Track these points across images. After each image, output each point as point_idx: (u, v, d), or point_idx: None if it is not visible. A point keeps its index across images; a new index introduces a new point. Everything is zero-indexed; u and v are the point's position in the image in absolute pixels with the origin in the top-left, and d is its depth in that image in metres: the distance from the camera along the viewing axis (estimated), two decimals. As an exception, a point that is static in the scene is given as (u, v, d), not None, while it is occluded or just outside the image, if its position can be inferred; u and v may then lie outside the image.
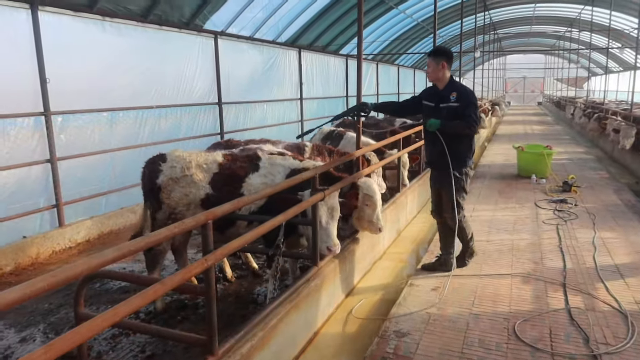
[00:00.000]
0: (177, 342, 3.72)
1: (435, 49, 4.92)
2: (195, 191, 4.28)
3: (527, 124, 25.32)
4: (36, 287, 1.73)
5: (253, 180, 4.28)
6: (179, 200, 4.30)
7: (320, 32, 13.34)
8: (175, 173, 4.28)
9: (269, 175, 4.30)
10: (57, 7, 6.37)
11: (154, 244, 2.41)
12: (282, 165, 4.38)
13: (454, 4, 17.88)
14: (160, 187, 4.31)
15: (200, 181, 4.28)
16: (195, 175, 4.28)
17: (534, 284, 4.66)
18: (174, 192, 4.29)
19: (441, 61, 4.66)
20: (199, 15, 8.74)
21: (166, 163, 4.35)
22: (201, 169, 4.32)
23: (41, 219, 6.40)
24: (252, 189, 4.23)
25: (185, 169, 4.29)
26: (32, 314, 4.48)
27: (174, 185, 4.28)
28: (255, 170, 4.33)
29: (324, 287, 4.15)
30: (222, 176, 4.33)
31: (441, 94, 4.73)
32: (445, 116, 4.60)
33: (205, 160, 4.38)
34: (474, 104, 4.61)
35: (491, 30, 26.51)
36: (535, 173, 9.71)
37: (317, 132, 8.55)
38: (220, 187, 4.29)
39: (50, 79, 6.24)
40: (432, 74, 4.74)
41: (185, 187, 4.28)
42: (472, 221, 6.76)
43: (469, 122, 4.53)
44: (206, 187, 4.29)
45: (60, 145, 6.52)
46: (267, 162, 4.40)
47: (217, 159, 4.43)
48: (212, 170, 4.34)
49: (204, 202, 4.27)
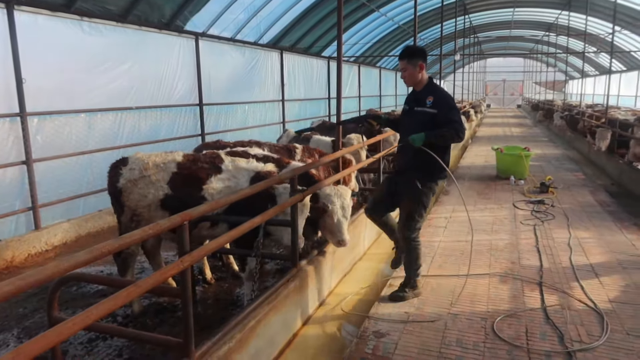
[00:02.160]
0: (154, 346, 3.68)
1: (409, 49, 4.27)
2: (154, 192, 4.22)
3: (507, 126, 25.68)
4: (3, 290, 1.69)
5: (215, 184, 4.21)
6: (138, 201, 4.25)
7: (303, 34, 13.36)
8: (134, 175, 4.24)
9: (232, 179, 4.24)
10: (33, 7, 6.27)
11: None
12: (246, 169, 4.30)
13: (434, 7, 18.07)
14: (121, 190, 4.28)
15: (158, 181, 4.22)
16: (153, 176, 4.23)
17: (512, 284, 4.72)
18: (132, 194, 4.24)
19: (418, 62, 4.18)
20: (179, 16, 8.68)
21: (126, 166, 4.31)
22: (159, 169, 4.26)
23: (16, 222, 6.28)
24: (214, 192, 4.17)
25: (143, 170, 4.24)
26: (5, 318, 4.39)
27: (132, 187, 4.24)
28: (217, 173, 4.26)
29: (303, 288, 4.14)
30: (181, 176, 4.25)
31: (417, 97, 4.27)
32: (420, 121, 4.13)
33: (164, 160, 4.31)
34: (454, 107, 4.13)
35: (471, 33, 26.90)
36: (514, 174, 9.86)
37: (284, 135, 8.57)
38: (180, 187, 4.21)
39: (26, 79, 6.13)
40: (410, 78, 4.25)
41: (143, 188, 4.23)
42: (451, 222, 6.85)
43: (457, 129, 3.99)
44: (165, 187, 4.22)
45: (37, 147, 6.41)
46: (230, 165, 4.32)
47: (176, 159, 4.35)
48: (170, 170, 4.27)
49: (163, 202, 4.23)
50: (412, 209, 4.24)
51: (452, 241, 6.05)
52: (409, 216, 4.27)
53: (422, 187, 4.17)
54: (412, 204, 4.22)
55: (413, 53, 4.22)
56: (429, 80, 4.29)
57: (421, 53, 4.27)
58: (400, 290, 4.43)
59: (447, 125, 3.99)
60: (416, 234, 4.34)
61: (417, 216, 4.27)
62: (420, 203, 4.21)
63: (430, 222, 6.94)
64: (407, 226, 4.29)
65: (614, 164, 11.72)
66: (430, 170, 4.18)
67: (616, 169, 11.39)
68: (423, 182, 4.18)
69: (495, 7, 22.97)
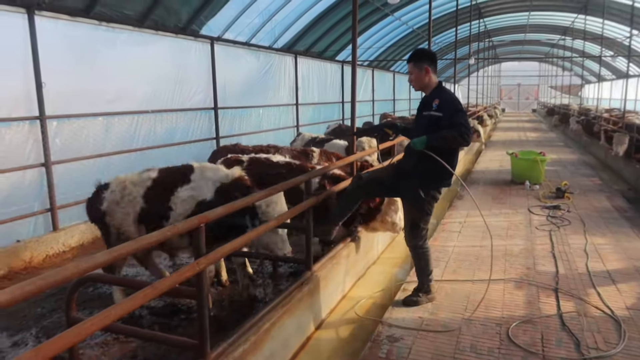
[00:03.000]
0: (169, 346, 3.71)
1: (416, 52, 4.23)
2: (133, 208, 4.35)
3: (522, 130, 25.46)
4: (25, 290, 1.74)
5: (181, 193, 4.27)
6: (122, 220, 4.39)
7: (317, 38, 13.41)
8: (115, 197, 4.38)
9: (197, 189, 4.27)
10: (53, 12, 6.38)
11: (145, 247, 2.41)
12: (211, 179, 4.30)
13: (449, 11, 18.02)
14: (105, 213, 4.41)
15: (135, 198, 4.36)
16: (132, 194, 4.36)
17: (527, 289, 4.68)
18: (117, 213, 4.38)
19: (424, 65, 4.11)
20: (195, 21, 8.77)
21: (107, 190, 4.44)
22: (136, 186, 4.39)
23: (35, 223, 6.39)
24: (179, 201, 4.23)
25: (121, 189, 4.38)
26: (24, 318, 4.46)
27: (115, 207, 4.38)
28: (186, 183, 4.31)
29: (317, 291, 4.16)
30: (153, 190, 4.36)
31: (426, 101, 4.21)
32: (426, 125, 4.06)
33: (140, 178, 4.44)
34: (460, 110, 3.99)
35: (486, 37, 26.75)
36: (529, 179, 9.77)
37: (298, 139, 8.62)
38: (152, 200, 4.32)
39: (46, 83, 6.24)
40: (417, 81, 4.19)
41: (125, 207, 4.37)
42: (465, 227, 6.81)
43: (461, 131, 3.84)
44: (140, 201, 4.35)
45: (55, 149, 6.52)
46: (198, 174, 4.35)
47: (152, 175, 4.47)
48: (145, 185, 4.40)
49: (140, 215, 4.35)
50: (416, 217, 4.23)
51: (466, 246, 6.02)
52: (414, 224, 4.27)
53: (425, 195, 4.10)
54: (416, 213, 4.21)
55: (419, 56, 4.17)
56: (438, 84, 4.21)
57: (428, 56, 4.20)
58: (414, 294, 4.42)
59: (452, 128, 3.88)
60: (422, 241, 4.32)
61: (422, 224, 4.26)
62: (423, 211, 4.18)
63: (444, 226, 6.91)
64: (413, 234, 4.29)
65: (631, 169, 11.55)
66: (433, 178, 4.10)
67: (633, 174, 11.22)
68: (426, 190, 4.11)
69: (511, 10, 22.82)
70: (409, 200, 4.23)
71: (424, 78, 4.14)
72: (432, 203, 4.22)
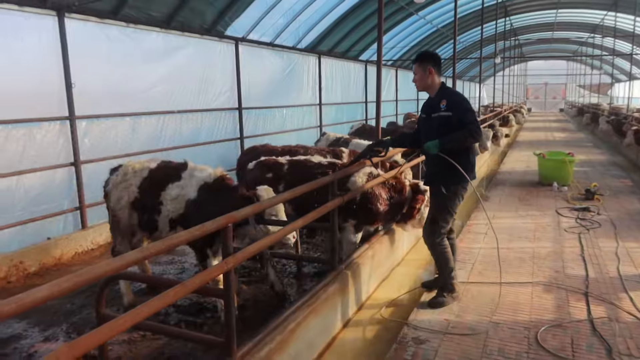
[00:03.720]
0: (196, 344, 3.75)
1: (420, 53, 4.42)
2: (127, 195, 4.50)
3: (549, 130, 24.99)
4: (62, 286, 1.77)
5: (171, 190, 4.33)
6: (115, 203, 4.56)
7: (340, 38, 13.39)
8: (117, 180, 4.56)
9: (185, 187, 4.32)
10: (82, 14, 6.51)
11: (174, 246, 2.44)
12: (197, 177, 4.33)
13: (474, 9, 17.78)
14: (107, 193, 4.65)
15: (131, 186, 4.50)
16: (129, 181, 4.51)
17: (556, 293, 4.59)
18: (113, 196, 4.57)
19: (428, 66, 4.23)
20: (220, 22, 8.85)
21: (116, 172, 4.64)
22: (135, 175, 4.52)
23: (65, 221, 6.53)
24: (169, 198, 4.31)
25: (123, 174, 4.55)
26: (55, 314, 4.57)
27: (114, 190, 4.56)
28: (177, 180, 4.37)
29: (342, 292, 4.15)
30: (148, 181, 4.47)
31: (432, 103, 4.31)
32: (437, 127, 4.15)
33: (141, 167, 4.57)
34: (469, 109, 4.11)
35: (512, 36, 26.29)
36: (557, 180, 9.57)
37: (323, 139, 8.62)
38: (145, 191, 4.44)
39: (75, 84, 6.37)
40: (420, 82, 4.29)
41: (121, 191, 4.52)
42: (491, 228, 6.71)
43: (471, 129, 3.96)
44: (135, 191, 4.48)
45: (84, 149, 6.65)
46: (188, 173, 4.40)
47: (150, 166, 4.58)
48: (142, 175, 4.51)
49: (133, 204, 4.50)
50: (436, 213, 4.28)
51: (492, 248, 5.92)
52: (433, 221, 4.30)
53: (447, 192, 4.17)
54: (437, 209, 4.26)
55: (423, 57, 4.31)
56: (442, 85, 4.32)
57: (432, 58, 4.32)
58: (439, 295, 4.41)
59: (461, 127, 3.99)
60: (441, 238, 4.32)
61: (442, 221, 4.27)
62: (444, 208, 4.22)
63: (470, 228, 6.82)
64: (432, 231, 4.31)
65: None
66: (453, 173, 4.11)
67: (667, 175, 10.90)
68: (447, 186, 4.17)
69: (538, 8, 22.39)
70: (431, 197, 4.33)
71: (427, 79, 4.26)
72: (455, 200, 4.24)
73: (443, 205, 4.21)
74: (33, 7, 5.91)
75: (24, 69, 5.96)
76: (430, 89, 4.31)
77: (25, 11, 5.85)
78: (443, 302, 4.33)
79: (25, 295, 1.66)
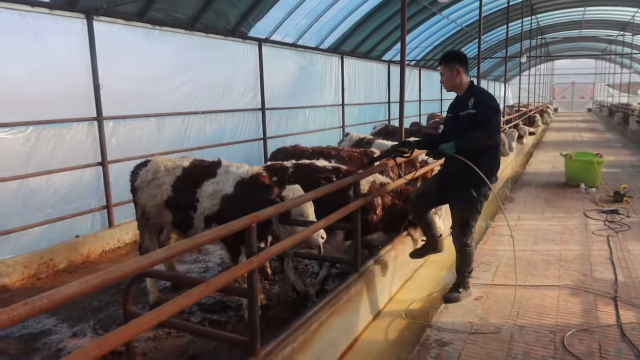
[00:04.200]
0: (220, 342, 3.79)
1: (446, 53, 4.39)
2: (160, 193, 4.54)
3: (576, 130, 24.47)
4: (90, 283, 1.82)
5: (206, 187, 4.37)
6: (147, 201, 4.61)
7: (363, 38, 13.36)
8: (147, 177, 4.60)
9: (220, 183, 4.36)
10: (110, 17, 6.65)
11: (200, 245, 2.47)
12: (234, 173, 4.38)
13: (500, 8, 17.52)
14: (136, 189, 4.69)
15: (164, 184, 4.54)
16: (161, 179, 4.55)
17: (583, 297, 4.49)
18: (143, 194, 4.61)
19: (455, 66, 4.21)
20: (244, 23, 8.93)
21: (144, 168, 4.67)
22: (168, 173, 4.56)
23: (92, 220, 6.69)
24: (205, 195, 4.35)
25: (155, 172, 4.58)
26: (83, 310, 4.68)
27: (145, 188, 4.60)
28: (212, 177, 4.41)
29: (364, 293, 4.14)
30: (182, 180, 4.52)
31: (460, 101, 4.30)
32: (466, 126, 4.12)
33: (174, 165, 4.61)
34: (494, 108, 4.09)
35: (538, 34, 25.83)
36: (585, 182, 9.36)
37: (346, 139, 8.60)
38: (179, 190, 4.48)
39: (103, 85, 6.51)
40: (448, 82, 4.27)
41: (153, 189, 4.57)
42: (517, 230, 6.61)
43: (488, 131, 3.96)
44: (169, 189, 4.52)
45: (111, 149, 6.79)
46: (223, 169, 4.44)
47: (184, 164, 4.62)
48: (175, 174, 4.56)
49: (167, 203, 4.54)
50: (468, 216, 4.26)
51: (517, 250, 5.82)
52: (465, 223, 4.29)
53: (477, 195, 4.16)
54: (468, 212, 4.24)
55: (450, 57, 4.29)
56: (470, 83, 4.30)
57: (458, 57, 4.30)
58: (454, 290, 4.47)
59: (481, 126, 3.99)
60: (471, 240, 4.37)
61: (473, 222, 4.31)
62: (475, 209, 4.24)
63: (494, 229, 6.73)
64: (464, 233, 4.31)
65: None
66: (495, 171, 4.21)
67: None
68: (477, 188, 4.15)
69: (565, 6, 21.93)
70: (461, 201, 4.24)
71: (455, 79, 4.23)
72: (483, 201, 4.27)
73: (473, 207, 4.21)
74: (63, 11, 6.07)
75: (54, 71, 6.12)
76: (458, 89, 4.30)
77: (55, 14, 6.01)
78: (458, 298, 4.40)
79: (56, 291, 1.71)
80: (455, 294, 4.40)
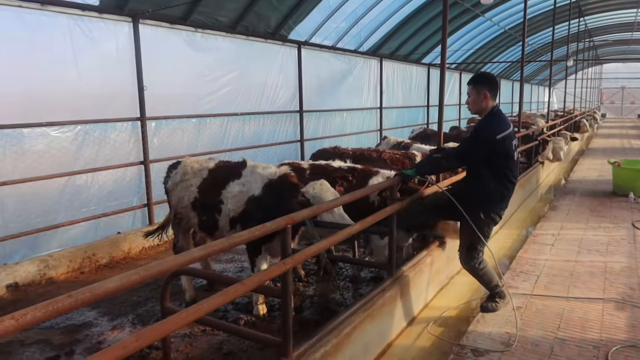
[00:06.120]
0: (253, 342, 3.82)
1: (477, 75, 4.22)
2: (187, 195, 4.60)
3: (625, 137, 23.49)
4: (131, 279, 1.87)
5: (232, 188, 4.37)
6: (177, 202, 4.69)
7: (402, 41, 13.24)
8: (177, 179, 4.68)
9: (247, 184, 4.34)
10: (155, 20, 6.83)
11: (236, 244, 2.50)
12: (260, 174, 4.34)
13: (545, 10, 17.02)
14: (168, 191, 4.81)
15: (191, 186, 4.60)
16: (189, 181, 4.61)
17: (630, 311, 4.29)
18: (174, 195, 4.71)
19: (483, 90, 4.03)
20: (284, 26, 9.00)
21: (174, 170, 4.76)
22: (195, 175, 4.61)
23: (134, 217, 6.88)
24: (230, 195, 4.35)
25: (183, 174, 4.65)
26: (122, 304, 4.81)
27: (174, 189, 4.69)
28: (237, 178, 4.40)
29: (399, 298, 4.09)
30: (208, 181, 4.55)
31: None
32: None
33: (200, 167, 4.66)
34: (477, 138, 4.01)
35: (586, 37, 24.93)
36: (634, 191, 8.96)
37: (384, 143, 8.54)
38: (205, 191, 4.51)
39: (147, 87, 6.70)
40: (473, 105, 4.12)
41: (181, 191, 4.64)
42: (559, 240, 6.40)
43: (448, 156, 4.13)
44: (195, 191, 4.57)
45: (153, 149, 6.97)
46: (249, 170, 4.42)
47: (209, 166, 4.66)
48: (202, 176, 4.60)
49: (193, 204, 4.58)
50: (474, 240, 4.08)
51: (559, 260, 5.65)
52: (472, 247, 4.14)
53: (485, 218, 4.03)
54: (474, 236, 4.04)
55: (479, 80, 4.12)
56: (491, 109, 4.09)
57: (488, 82, 4.11)
58: (491, 299, 4.26)
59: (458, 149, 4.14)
60: (479, 262, 4.19)
61: (479, 246, 4.14)
62: (482, 234, 4.05)
63: (536, 238, 6.53)
64: (470, 257, 4.16)
65: None
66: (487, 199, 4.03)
67: None
68: (486, 212, 4.03)
69: (616, 8, 21.06)
70: (467, 222, 4.06)
71: (481, 103, 4.07)
72: (491, 226, 4.15)
73: (480, 231, 4.03)
74: (111, 14, 6.28)
75: (102, 73, 6.34)
76: (482, 113, 4.14)
77: (104, 18, 6.22)
78: (495, 307, 4.22)
79: (98, 285, 1.76)
80: (493, 304, 4.25)
